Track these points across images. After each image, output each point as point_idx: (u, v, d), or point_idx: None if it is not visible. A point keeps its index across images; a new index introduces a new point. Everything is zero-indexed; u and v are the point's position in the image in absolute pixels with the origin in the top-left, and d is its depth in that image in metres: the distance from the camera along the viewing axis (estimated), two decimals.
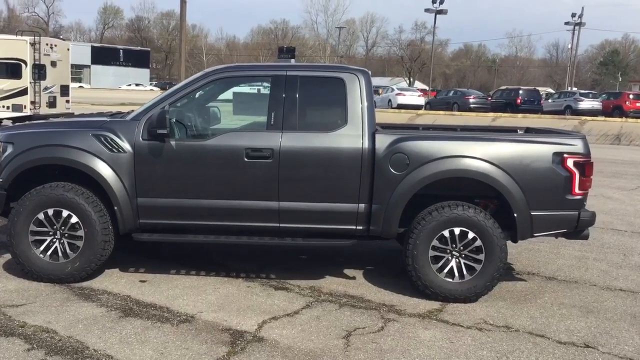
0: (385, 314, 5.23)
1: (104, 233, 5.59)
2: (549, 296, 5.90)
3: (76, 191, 5.55)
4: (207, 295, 5.51)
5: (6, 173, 5.65)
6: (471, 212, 5.50)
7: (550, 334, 4.96)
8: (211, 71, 5.97)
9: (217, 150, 5.59)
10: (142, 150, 5.59)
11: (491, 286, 5.60)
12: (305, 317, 5.09)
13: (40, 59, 18.53)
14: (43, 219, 5.57)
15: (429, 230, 5.51)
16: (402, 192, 5.55)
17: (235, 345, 4.49)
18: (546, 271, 6.75)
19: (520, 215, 5.54)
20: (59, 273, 5.59)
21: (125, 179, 5.59)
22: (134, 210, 5.64)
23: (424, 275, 5.54)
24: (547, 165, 5.55)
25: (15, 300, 5.18)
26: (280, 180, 5.58)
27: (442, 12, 53.83)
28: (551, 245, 7.74)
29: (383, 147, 5.57)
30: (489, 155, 5.52)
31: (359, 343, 4.63)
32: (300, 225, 5.71)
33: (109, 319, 4.87)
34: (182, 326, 4.81)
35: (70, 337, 4.49)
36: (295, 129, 5.63)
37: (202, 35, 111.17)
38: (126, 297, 5.38)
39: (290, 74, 5.78)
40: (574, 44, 62.68)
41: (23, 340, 4.40)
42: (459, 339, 4.78)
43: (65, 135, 5.69)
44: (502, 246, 5.51)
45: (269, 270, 6.29)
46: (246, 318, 5.01)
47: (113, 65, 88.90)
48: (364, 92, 5.73)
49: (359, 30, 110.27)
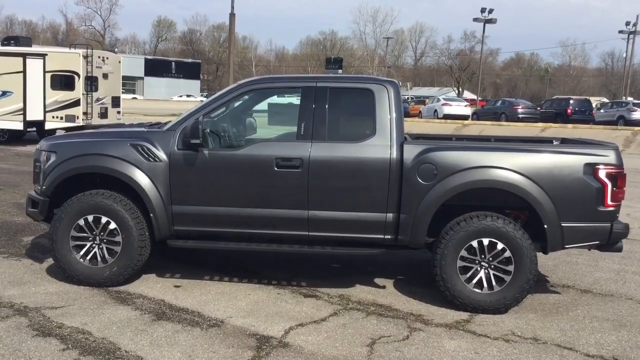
0: (411, 323, 5.26)
1: (141, 239, 5.80)
2: (582, 309, 5.81)
3: (115, 199, 5.79)
4: (237, 301, 5.65)
5: (49, 181, 5.94)
6: (500, 223, 5.48)
7: (578, 347, 4.89)
8: (243, 83, 6.14)
9: (248, 160, 5.74)
10: (177, 159, 5.79)
11: (521, 298, 5.55)
12: (331, 325, 5.16)
13: (93, 71, 19.22)
14: (83, 225, 5.82)
15: (457, 241, 5.51)
16: (430, 202, 5.58)
17: (261, 350, 4.60)
18: (582, 284, 6.64)
19: (551, 226, 5.49)
20: (97, 277, 5.82)
21: (161, 187, 5.79)
22: (169, 217, 5.84)
23: (453, 285, 5.54)
24: (578, 176, 5.48)
25: (55, 303, 5.43)
26: (309, 190, 5.69)
27: (491, 22, 53.23)
28: (590, 258, 7.59)
29: (411, 158, 5.61)
30: (519, 166, 5.50)
31: (383, 351, 4.67)
32: (329, 234, 5.79)
33: (142, 322, 5.06)
34: (211, 330, 4.95)
35: (104, 339, 4.69)
36: (325, 139, 5.73)
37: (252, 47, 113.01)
38: (160, 301, 5.57)
39: (320, 85, 5.89)
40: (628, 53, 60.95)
41: (59, 341, 4.62)
42: (484, 350, 4.76)
43: (105, 145, 5.94)
44: (532, 257, 5.47)
45: (301, 277, 6.39)
46: (273, 324, 5.12)
47: (165, 77, 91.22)
48: (393, 102, 5.80)
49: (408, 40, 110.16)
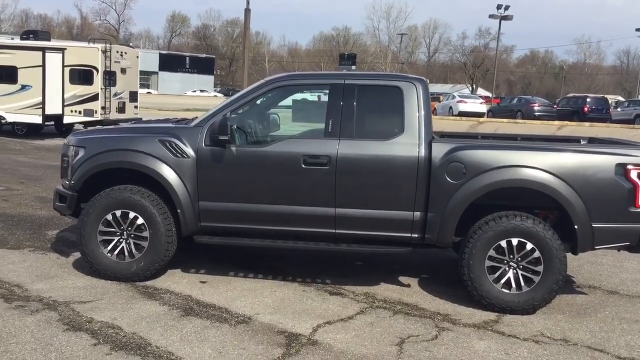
0: (439, 323, 5.23)
1: (168, 235, 5.82)
2: (610, 310, 5.76)
3: (142, 194, 5.80)
4: (263, 298, 5.65)
5: (77, 175, 5.96)
6: (529, 223, 5.44)
7: (609, 349, 4.85)
8: (272, 79, 6.13)
9: (276, 157, 5.73)
10: (204, 155, 5.79)
11: (550, 298, 5.51)
12: (359, 323, 5.15)
13: (111, 66, 19.31)
14: (111, 219, 5.84)
15: (485, 240, 5.48)
16: (458, 201, 5.54)
17: (290, 348, 4.60)
18: (608, 285, 6.58)
19: (581, 227, 5.44)
20: (124, 272, 5.84)
21: (188, 183, 5.80)
22: (196, 213, 5.84)
23: (480, 285, 5.50)
24: (609, 177, 5.43)
25: (84, 297, 5.45)
26: (336, 187, 5.67)
27: (507, 18, 52.96)
28: (614, 258, 7.53)
29: (439, 156, 5.58)
30: (549, 166, 5.45)
31: (412, 351, 4.65)
32: (355, 232, 5.78)
33: (171, 317, 5.07)
34: (240, 327, 4.95)
35: (134, 334, 4.71)
36: (352, 137, 5.71)
37: (265, 42, 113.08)
38: (187, 297, 5.58)
39: (348, 82, 5.87)
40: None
41: (90, 335, 4.64)
42: (514, 351, 4.73)
43: (133, 140, 5.96)
44: (562, 258, 5.42)
45: (325, 275, 6.39)
46: (301, 321, 5.11)
47: (179, 72, 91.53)
48: (421, 100, 5.76)
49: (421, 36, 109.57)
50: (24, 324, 4.77)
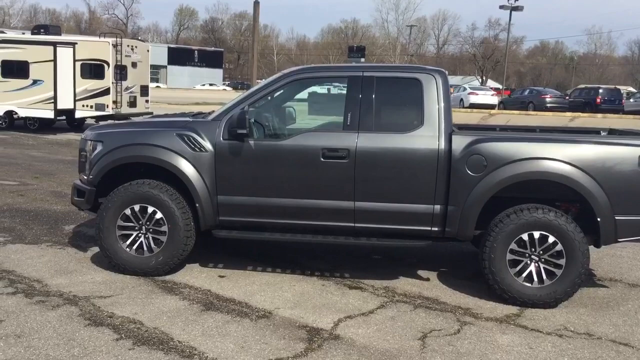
0: (461, 317, 5.19)
1: (186, 229, 5.80)
2: (633, 304, 5.70)
3: (161, 188, 5.78)
4: (283, 292, 5.62)
5: (96, 170, 5.95)
6: (552, 216, 5.37)
7: (634, 343, 4.79)
8: (289, 72, 6.08)
9: (294, 150, 5.69)
10: (222, 149, 5.76)
11: (572, 292, 5.45)
12: (380, 317, 5.12)
13: (122, 60, 19.29)
14: (130, 214, 5.83)
15: (507, 233, 5.42)
16: (479, 194, 5.48)
17: (313, 342, 4.57)
18: (629, 278, 6.51)
19: (604, 219, 5.38)
20: (143, 266, 5.83)
21: (207, 177, 5.77)
22: (215, 207, 5.82)
23: (502, 279, 5.45)
24: (633, 168, 5.36)
25: (103, 292, 5.45)
26: (356, 181, 5.63)
27: (517, 9, 52.56)
28: (634, 251, 7.45)
29: (460, 149, 5.52)
30: (571, 157, 5.38)
31: (435, 345, 4.62)
32: (375, 226, 5.73)
33: (192, 312, 5.06)
34: (261, 321, 4.93)
35: (156, 329, 4.69)
36: (372, 130, 5.66)
37: (273, 36, 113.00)
38: (207, 291, 5.57)
39: (367, 74, 5.81)
40: None
41: (112, 330, 4.63)
42: (538, 345, 4.68)
43: (151, 135, 5.93)
44: (584, 251, 5.36)
45: (343, 269, 6.35)
46: (322, 316, 5.09)
47: (188, 66, 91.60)
48: (441, 92, 5.70)
49: (430, 28, 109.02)
50: (46, 319, 4.77)
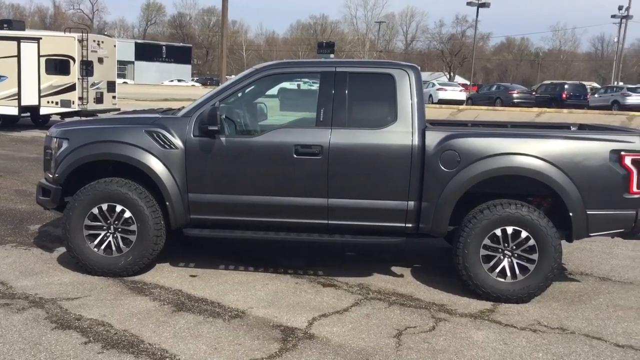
0: (435, 314, 5.17)
1: (156, 228, 5.67)
2: (604, 297, 5.75)
3: (129, 187, 5.64)
4: (256, 291, 5.53)
5: (62, 168, 5.77)
6: (524, 211, 5.39)
7: (607, 337, 4.82)
8: (261, 68, 5.98)
9: (267, 147, 5.60)
10: (193, 146, 5.64)
11: (545, 287, 5.48)
12: (355, 315, 5.07)
13: (88, 55, 18.89)
14: (97, 213, 5.67)
15: (480, 229, 5.42)
16: (453, 190, 5.47)
17: (287, 342, 4.50)
18: (600, 271, 6.58)
19: (576, 214, 5.41)
20: (112, 267, 5.68)
21: (177, 175, 5.65)
22: (185, 205, 5.70)
23: (475, 274, 5.45)
24: (604, 163, 5.39)
25: (71, 294, 5.29)
26: (329, 177, 5.56)
27: (484, 5, 53.16)
28: (604, 244, 7.54)
29: (433, 144, 5.50)
30: (544, 153, 5.40)
31: (411, 342, 4.58)
32: (349, 222, 5.68)
33: (162, 313, 4.94)
34: (234, 321, 4.84)
35: (126, 331, 4.57)
36: (345, 126, 5.60)
37: (242, 31, 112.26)
38: (178, 292, 5.45)
39: (340, 70, 5.75)
40: (620, 38, 60.99)
41: (80, 334, 4.49)
42: (512, 341, 4.69)
43: (119, 132, 5.78)
44: (557, 246, 5.39)
45: (317, 266, 6.29)
46: (296, 315, 5.02)
47: (156, 62, 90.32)
48: (414, 88, 5.67)
49: (399, 24, 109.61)
50: (11, 323, 4.61)
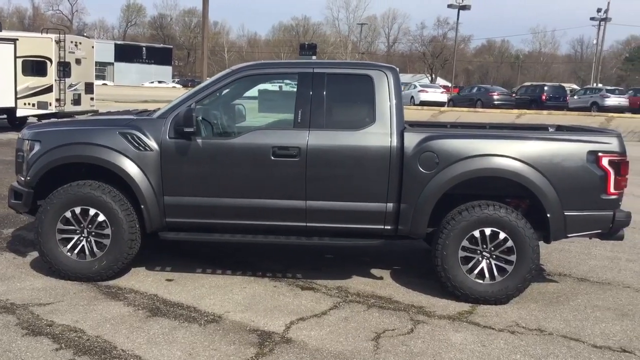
0: (414, 316, 5.14)
1: (131, 232, 5.57)
2: (582, 298, 5.76)
3: (103, 189, 5.54)
4: (233, 295, 5.46)
5: (33, 171, 5.65)
6: (502, 212, 5.38)
7: (585, 338, 4.82)
8: (238, 69, 5.91)
9: (244, 149, 5.53)
10: (168, 148, 5.55)
11: (523, 288, 5.47)
12: (333, 318, 5.02)
13: (65, 56, 18.65)
14: (70, 217, 5.56)
15: (459, 231, 5.40)
16: (431, 192, 5.44)
17: (264, 347, 4.43)
18: (578, 272, 6.60)
19: (554, 215, 5.41)
20: (86, 272, 5.57)
21: (152, 177, 5.55)
22: (161, 208, 5.61)
23: (454, 276, 5.43)
24: (581, 164, 5.40)
25: (43, 299, 5.18)
26: (307, 179, 5.51)
27: (465, 8, 53.48)
28: (582, 245, 7.57)
29: (412, 146, 5.47)
30: (521, 154, 5.39)
31: (389, 345, 4.54)
32: (327, 225, 5.63)
33: (137, 319, 4.84)
34: (210, 326, 4.76)
35: (98, 337, 4.47)
36: (323, 127, 5.55)
37: (224, 33, 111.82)
38: (153, 296, 5.35)
39: (318, 71, 5.69)
40: (599, 40, 61.71)
41: (51, 340, 4.38)
42: (491, 342, 4.66)
43: (92, 134, 5.67)
44: (535, 247, 5.38)
45: (296, 269, 6.23)
46: (273, 318, 4.95)
47: (136, 63, 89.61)
48: (392, 89, 5.64)
49: (381, 26, 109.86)
50: None
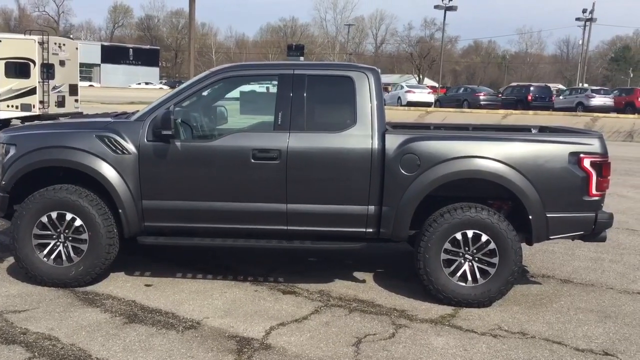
0: (396, 320, 5.08)
1: (109, 236, 5.47)
2: (565, 300, 5.73)
3: (80, 194, 5.44)
4: (213, 300, 5.38)
5: (9, 175, 5.54)
6: (484, 214, 5.34)
7: (567, 341, 4.79)
8: (217, 70, 5.84)
9: (223, 151, 5.46)
10: (146, 151, 5.47)
11: (506, 290, 5.43)
12: (314, 323, 4.95)
13: (49, 58, 18.47)
14: (46, 222, 5.45)
15: (441, 233, 5.35)
16: (413, 194, 5.39)
17: (242, 353, 4.36)
18: (561, 274, 6.58)
19: (536, 217, 5.37)
20: (63, 277, 5.47)
21: (130, 181, 5.47)
22: (139, 213, 5.52)
23: (436, 279, 5.38)
24: (563, 166, 5.37)
25: (18, 306, 5.07)
26: (287, 182, 5.44)
27: (452, 9, 53.61)
28: (566, 246, 7.55)
29: (393, 148, 5.42)
30: (503, 156, 5.36)
31: (370, 351, 4.48)
32: (308, 228, 5.56)
33: (113, 326, 4.75)
34: (188, 333, 4.68)
35: (73, 345, 4.37)
36: (303, 129, 5.49)
37: (212, 34, 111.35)
38: (131, 302, 5.26)
39: (298, 72, 5.63)
40: (584, 40, 62.11)
41: (24, 349, 4.28)
42: (473, 346, 4.62)
43: (68, 137, 5.57)
44: (517, 249, 5.35)
45: (277, 273, 6.16)
46: (253, 324, 4.88)
47: (123, 64, 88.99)
48: (374, 90, 5.58)
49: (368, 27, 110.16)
50: None
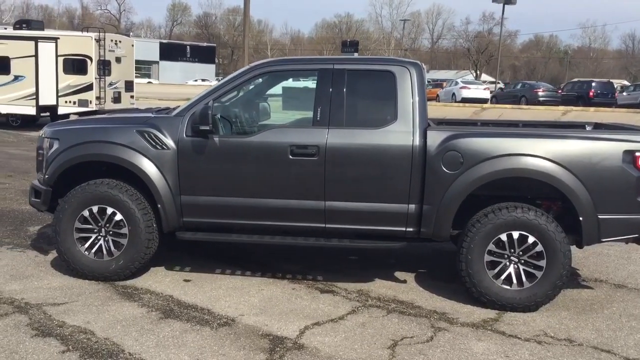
0: (435, 323, 4.91)
1: (148, 231, 5.49)
2: (617, 306, 5.43)
3: (120, 188, 5.48)
4: (250, 297, 5.33)
5: (52, 169, 5.64)
6: (531, 215, 5.09)
7: (617, 349, 4.51)
8: (255, 65, 5.77)
9: (261, 147, 5.39)
10: (185, 147, 5.46)
11: (553, 295, 5.17)
12: (350, 324, 4.83)
13: (105, 55, 18.95)
14: (88, 216, 5.52)
15: (484, 234, 5.14)
16: (456, 193, 5.20)
17: (274, 353, 4.28)
18: (615, 278, 6.24)
19: (587, 219, 5.09)
20: (103, 271, 5.53)
21: (169, 176, 5.47)
22: (178, 208, 5.52)
23: (479, 281, 5.17)
24: (616, 165, 5.07)
25: (58, 299, 5.14)
26: (326, 179, 5.33)
27: (510, 2, 52.19)
28: (622, 249, 7.18)
29: (435, 145, 5.23)
30: (552, 154, 5.10)
31: (405, 354, 4.33)
32: (347, 226, 5.45)
33: (149, 321, 4.76)
34: (222, 330, 4.64)
35: (107, 339, 4.39)
36: (343, 125, 5.37)
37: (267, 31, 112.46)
38: (168, 297, 5.27)
39: (338, 67, 5.51)
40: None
41: (59, 342, 4.32)
42: (515, 353, 4.41)
43: (109, 132, 5.62)
44: (566, 252, 5.08)
45: (317, 271, 6.06)
46: (288, 323, 4.80)
47: (180, 61, 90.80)
48: (416, 85, 5.40)
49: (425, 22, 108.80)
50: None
